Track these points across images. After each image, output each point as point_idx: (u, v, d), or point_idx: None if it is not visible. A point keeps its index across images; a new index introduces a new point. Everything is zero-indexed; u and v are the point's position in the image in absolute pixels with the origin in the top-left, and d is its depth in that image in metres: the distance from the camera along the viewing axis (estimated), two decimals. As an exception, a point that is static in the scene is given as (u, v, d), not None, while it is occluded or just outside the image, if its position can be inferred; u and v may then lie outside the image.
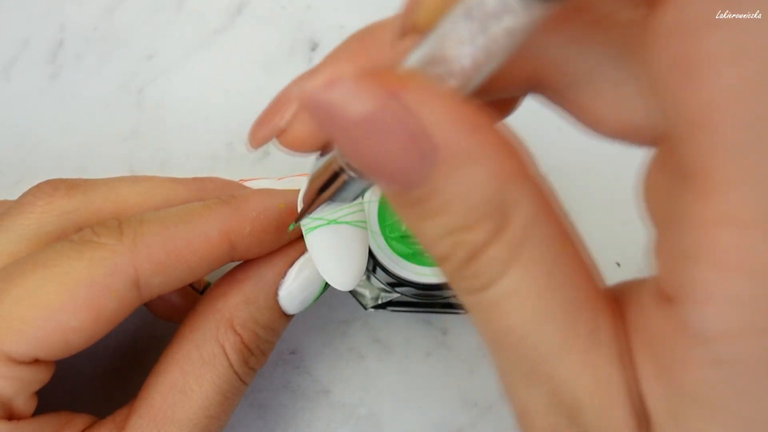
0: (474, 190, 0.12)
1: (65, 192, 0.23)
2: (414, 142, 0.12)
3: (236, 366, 0.22)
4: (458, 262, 0.13)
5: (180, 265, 0.21)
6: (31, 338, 0.19)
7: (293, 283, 0.23)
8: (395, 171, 0.12)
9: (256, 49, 0.32)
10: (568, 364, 0.13)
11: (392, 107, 0.12)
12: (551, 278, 0.13)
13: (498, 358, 0.15)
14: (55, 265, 0.20)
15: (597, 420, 0.14)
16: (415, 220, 0.14)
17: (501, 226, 0.13)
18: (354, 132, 0.12)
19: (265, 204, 0.22)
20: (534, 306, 0.13)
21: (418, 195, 0.13)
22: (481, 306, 0.14)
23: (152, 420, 0.21)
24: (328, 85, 0.12)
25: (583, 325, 0.13)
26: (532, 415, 0.15)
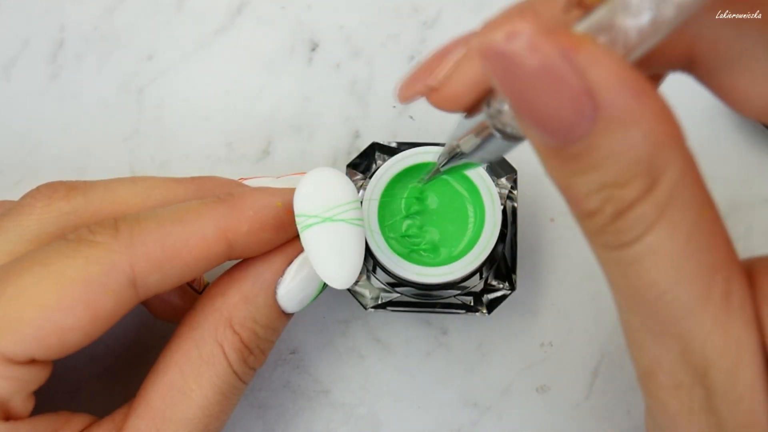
0: (630, 149, 0.13)
1: (64, 194, 0.23)
2: (580, 98, 0.13)
3: (235, 365, 0.22)
4: (606, 217, 0.14)
5: (177, 264, 0.21)
6: (28, 338, 0.19)
7: (292, 281, 0.23)
8: (558, 123, 0.13)
9: (256, 49, 0.32)
10: (701, 323, 0.14)
11: (565, 64, 0.13)
12: (691, 239, 0.14)
13: (630, 314, 0.16)
14: (52, 264, 0.20)
15: (725, 379, 0.14)
16: (568, 175, 0.14)
17: (651, 185, 0.14)
18: (526, 82, 0.13)
19: (262, 202, 0.22)
20: (674, 264, 0.14)
21: (575, 150, 0.14)
22: (622, 262, 0.15)
23: (151, 420, 0.21)
24: (509, 37, 0.13)
25: (717, 287, 0.14)
26: (657, 373, 0.15)
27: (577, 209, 0.15)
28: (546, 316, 0.30)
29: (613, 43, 0.14)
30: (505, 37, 0.13)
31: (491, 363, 0.29)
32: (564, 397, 0.29)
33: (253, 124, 0.32)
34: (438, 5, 0.32)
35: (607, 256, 0.15)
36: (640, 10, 0.13)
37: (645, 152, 0.13)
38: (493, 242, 0.25)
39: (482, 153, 0.18)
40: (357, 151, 0.31)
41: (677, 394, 0.15)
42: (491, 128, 0.17)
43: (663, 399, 0.16)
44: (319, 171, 0.23)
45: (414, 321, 0.30)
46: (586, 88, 0.13)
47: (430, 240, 0.27)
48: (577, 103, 0.13)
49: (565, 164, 0.14)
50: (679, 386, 0.15)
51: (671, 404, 0.16)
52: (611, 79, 0.13)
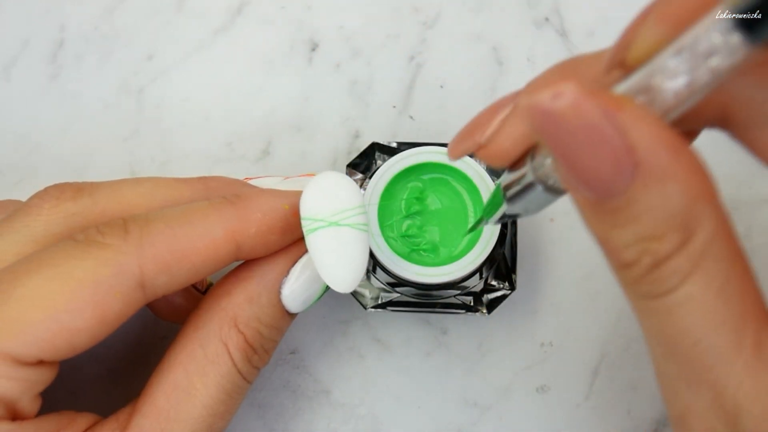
0: (666, 204, 0.14)
1: (72, 195, 0.23)
2: (620, 155, 0.14)
3: (240, 365, 0.22)
4: (643, 268, 0.15)
5: (185, 266, 0.21)
6: (36, 339, 0.19)
7: (296, 281, 0.23)
8: (599, 179, 0.14)
9: (256, 49, 0.32)
10: (733, 371, 0.15)
11: (607, 123, 0.14)
12: (724, 291, 0.15)
13: (665, 361, 0.16)
14: (61, 265, 0.20)
15: (755, 426, 0.15)
16: (607, 228, 0.15)
17: (686, 239, 0.15)
18: (571, 139, 0.14)
19: (270, 204, 0.22)
20: (707, 313, 0.15)
21: (614, 204, 0.15)
22: (658, 311, 0.15)
23: (156, 419, 0.21)
24: (554, 96, 0.14)
25: (749, 337, 0.15)
26: (690, 418, 0.16)
27: (615, 260, 0.16)
28: (546, 316, 0.30)
29: (651, 104, 0.15)
30: (551, 96, 0.14)
31: (491, 363, 0.29)
32: (564, 397, 0.29)
33: (253, 124, 0.32)
34: (438, 5, 0.32)
35: (644, 306, 0.16)
36: (676, 74, 0.14)
37: (680, 207, 0.14)
38: (493, 242, 0.25)
39: (523, 203, 0.19)
40: (357, 151, 0.31)
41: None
42: (534, 180, 0.18)
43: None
44: (326, 175, 0.23)
45: (414, 321, 0.30)
46: (626, 146, 0.14)
47: (430, 240, 0.27)
48: (617, 160, 0.14)
49: (604, 217, 0.15)
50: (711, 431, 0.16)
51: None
52: (649, 138, 0.14)
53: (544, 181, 0.18)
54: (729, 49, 0.14)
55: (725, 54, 0.14)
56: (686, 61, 0.14)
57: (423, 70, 0.32)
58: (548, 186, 0.18)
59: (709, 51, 0.14)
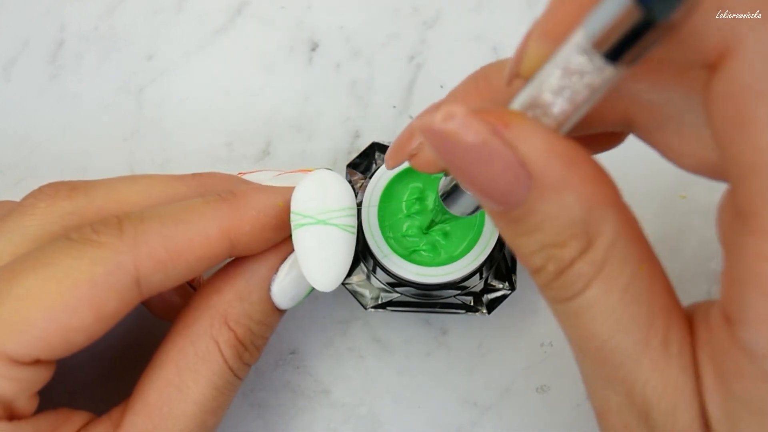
0: (564, 213, 0.15)
1: (67, 194, 0.23)
2: (514, 169, 0.15)
3: (230, 361, 0.22)
4: (549, 274, 0.16)
5: (180, 263, 0.21)
6: (33, 339, 0.19)
7: (285, 278, 0.23)
8: (496, 193, 0.15)
9: (256, 49, 0.32)
10: (641, 369, 0.15)
11: (495, 140, 0.14)
12: (628, 292, 0.15)
13: (581, 361, 0.17)
14: (56, 264, 0.20)
15: (664, 421, 0.16)
16: (513, 236, 0.16)
17: (587, 245, 0.15)
18: (463, 158, 0.15)
19: (264, 202, 0.22)
20: (612, 316, 0.15)
21: (516, 214, 0.15)
22: (568, 314, 0.16)
23: (148, 416, 0.21)
24: (445, 118, 0.14)
25: (655, 336, 0.15)
26: (608, 414, 0.17)
27: (526, 266, 0.16)
28: (546, 316, 0.30)
29: (543, 116, 0.15)
30: (442, 117, 0.14)
31: (491, 363, 0.29)
32: (564, 397, 0.29)
33: (253, 124, 0.32)
34: (438, 5, 0.32)
35: (556, 308, 0.17)
36: (558, 90, 0.15)
37: (579, 215, 0.15)
38: (493, 242, 0.25)
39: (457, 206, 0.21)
40: (357, 151, 0.31)
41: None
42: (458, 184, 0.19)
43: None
44: (321, 173, 0.23)
45: (414, 321, 0.30)
46: (517, 160, 0.14)
47: (430, 240, 0.27)
48: (511, 174, 0.15)
49: (510, 226, 0.16)
50: (627, 426, 0.16)
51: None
52: (540, 151, 0.14)
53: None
54: (596, 68, 0.14)
55: (594, 73, 0.14)
56: (564, 77, 0.15)
57: (423, 70, 0.32)
58: None
59: (580, 69, 0.14)
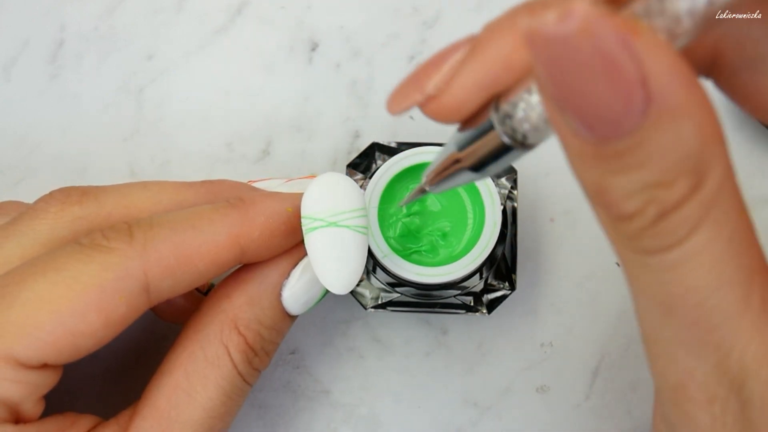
0: (680, 145, 0.12)
1: (77, 198, 0.23)
2: (633, 89, 0.12)
3: (240, 367, 0.22)
4: (647, 220, 0.13)
5: (189, 270, 0.21)
6: (41, 343, 0.19)
7: (297, 284, 0.23)
8: (606, 116, 0.12)
9: (256, 49, 0.32)
10: (740, 331, 0.14)
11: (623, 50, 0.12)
12: (732, 243, 0.13)
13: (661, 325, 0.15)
14: (66, 269, 0.20)
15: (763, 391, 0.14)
16: (605, 176, 0.13)
17: (697, 184, 0.13)
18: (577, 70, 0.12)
19: (273, 208, 0.22)
20: (716, 268, 0.13)
21: (619, 147, 0.13)
22: (660, 267, 0.14)
23: (156, 421, 0.21)
24: (562, 18, 0.11)
25: (756, 294, 0.14)
26: (689, 386, 0.15)
27: (612, 212, 0.14)
28: (546, 316, 0.30)
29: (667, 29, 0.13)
30: (558, 18, 0.11)
31: (491, 363, 0.29)
32: (564, 397, 0.29)
33: (253, 124, 0.32)
34: (438, 5, 0.32)
35: (642, 262, 0.14)
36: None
37: (694, 148, 0.12)
38: (493, 242, 0.25)
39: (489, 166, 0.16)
40: (357, 151, 0.31)
41: (710, 408, 0.15)
42: (501, 135, 0.15)
43: (693, 413, 0.15)
44: (329, 176, 0.23)
45: (414, 321, 0.30)
46: (641, 78, 0.12)
47: (429, 240, 0.27)
48: (629, 94, 0.12)
49: (602, 163, 0.13)
50: (713, 399, 0.14)
51: (702, 419, 0.15)
52: (666, 69, 0.12)
53: (512, 134, 0.15)
54: None
55: None
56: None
57: (423, 70, 0.32)
58: (517, 140, 0.15)
59: None
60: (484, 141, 0.16)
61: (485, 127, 0.16)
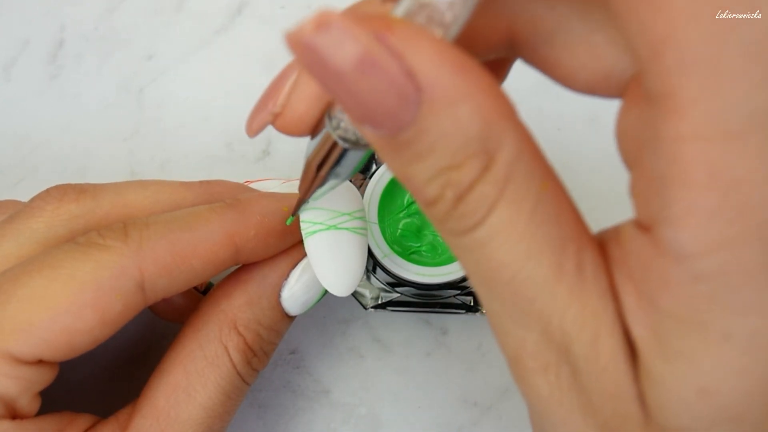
0: (460, 129, 0.13)
1: (74, 197, 0.23)
2: (401, 82, 0.12)
3: (239, 367, 0.22)
4: (447, 203, 0.14)
5: (185, 268, 0.21)
6: (36, 339, 0.19)
7: (296, 284, 0.23)
8: (383, 113, 0.13)
9: (256, 49, 0.32)
10: (557, 299, 0.14)
11: (378, 49, 0.12)
12: (536, 215, 0.13)
13: (490, 300, 0.15)
14: (61, 267, 0.20)
15: (586, 352, 0.14)
16: (405, 165, 0.14)
17: (487, 163, 0.13)
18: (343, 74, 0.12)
19: (269, 208, 0.22)
20: (521, 242, 0.13)
21: (406, 138, 0.13)
22: (472, 247, 0.14)
23: (155, 420, 0.21)
24: (316, 28, 0.12)
25: (569, 261, 0.14)
26: (523, 356, 0.15)
27: (420, 198, 0.14)
28: (546, 316, 0.30)
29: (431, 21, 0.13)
30: (314, 26, 0.12)
31: (491, 363, 0.29)
32: (564, 397, 0.29)
33: (253, 124, 0.32)
34: (438, 5, 0.32)
35: (457, 243, 0.14)
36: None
37: (476, 130, 0.13)
38: (493, 242, 0.25)
39: (338, 169, 0.18)
40: (357, 151, 0.31)
41: (545, 375, 0.15)
42: (337, 140, 0.16)
43: (533, 383, 0.15)
44: None
45: (414, 321, 0.30)
46: (405, 71, 0.12)
47: (429, 240, 0.27)
48: (398, 88, 0.12)
49: (399, 154, 0.14)
50: (546, 367, 0.15)
51: (541, 387, 0.15)
52: (430, 59, 0.12)
53: (345, 137, 0.16)
54: None
55: None
56: None
57: (423, 70, 0.32)
58: (351, 141, 0.16)
59: None
60: (327, 147, 0.17)
61: (324, 134, 0.17)
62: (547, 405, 0.15)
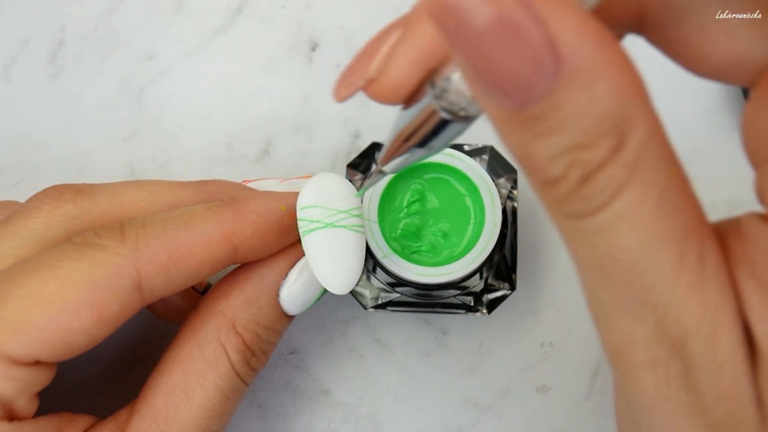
0: (595, 105, 0.12)
1: (71, 197, 0.23)
2: (541, 51, 0.12)
3: (238, 367, 0.22)
4: (572, 183, 0.13)
5: (182, 268, 0.21)
6: (33, 339, 0.19)
7: (294, 284, 0.23)
8: (518, 82, 0.12)
9: (256, 49, 0.32)
10: (676, 290, 0.13)
11: (523, 13, 0.12)
12: (663, 202, 0.13)
13: (600, 288, 0.14)
14: (58, 267, 0.20)
15: (704, 349, 0.13)
16: (528, 141, 0.13)
17: (619, 144, 0.13)
18: (481, 38, 0.12)
19: (266, 206, 0.22)
20: (646, 228, 0.13)
21: (536, 111, 0.12)
22: (590, 231, 0.14)
23: (154, 420, 0.21)
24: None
25: (691, 252, 0.13)
26: (631, 350, 0.14)
27: (539, 177, 0.14)
28: (546, 316, 0.30)
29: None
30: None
31: (491, 363, 0.29)
32: (564, 397, 0.29)
33: (253, 124, 0.32)
34: (438, 5, 0.32)
35: (573, 227, 0.14)
36: None
37: (611, 108, 0.12)
38: (493, 242, 0.25)
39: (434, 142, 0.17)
40: (357, 151, 0.31)
41: (653, 370, 0.14)
42: (439, 111, 0.16)
43: (637, 378, 0.15)
44: (323, 176, 0.23)
45: (414, 321, 0.30)
46: (547, 40, 0.12)
47: (430, 240, 0.27)
48: (537, 57, 0.12)
49: (524, 128, 0.13)
50: (656, 362, 0.14)
51: (647, 383, 0.14)
52: (573, 29, 0.12)
53: (449, 108, 0.15)
54: None
55: None
56: None
57: (423, 70, 0.32)
58: (455, 114, 0.15)
59: None
60: (425, 117, 0.16)
61: (425, 104, 0.16)
62: (652, 401, 0.15)
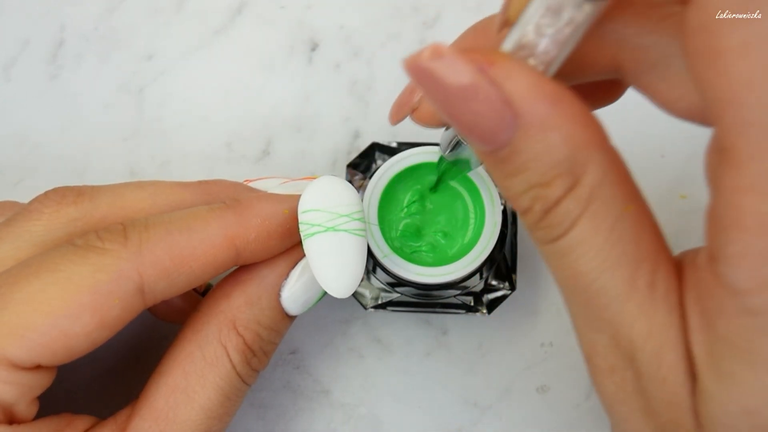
0: (550, 152, 0.15)
1: (73, 199, 0.23)
2: (500, 108, 0.15)
3: (239, 367, 0.22)
4: (537, 214, 0.16)
5: (184, 271, 0.21)
6: (34, 344, 0.19)
7: (296, 284, 0.23)
8: (482, 132, 0.15)
9: (256, 49, 0.32)
10: (627, 310, 0.15)
11: (480, 78, 0.15)
12: (614, 233, 0.15)
13: (570, 303, 0.17)
14: (60, 270, 0.20)
15: (649, 362, 0.16)
16: (503, 177, 0.16)
17: (573, 184, 0.15)
18: (449, 96, 0.15)
19: (269, 210, 0.22)
20: (598, 255, 0.15)
21: (503, 154, 0.15)
22: (555, 254, 0.16)
23: (154, 421, 0.21)
24: (431, 56, 0.14)
25: (642, 278, 0.15)
26: (595, 357, 0.17)
27: (515, 206, 0.17)
28: (546, 316, 0.30)
29: (532, 57, 0.16)
30: (429, 55, 0.14)
31: (491, 363, 0.29)
32: (564, 397, 0.29)
33: (253, 124, 0.32)
34: (438, 5, 0.32)
35: (544, 249, 0.17)
36: (542, 29, 0.15)
37: (565, 154, 0.15)
38: (493, 242, 0.25)
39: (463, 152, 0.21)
40: (357, 151, 0.31)
41: (612, 376, 0.17)
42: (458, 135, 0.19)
43: (601, 382, 0.17)
44: (325, 179, 0.23)
45: (414, 321, 0.30)
46: (503, 99, 0.15)
47: (430, 240, 0.27)
48: (497, 113, 0.15)
49: (498, 167, 0.16)
50: (613, 369, 0.16)
51: (608, 387, 0.17)
52: (525, 89, 0.15)
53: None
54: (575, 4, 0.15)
55: (574, 8, 0.15)
56: (546, 16, 0.15)
57: (423, 70, 0.32)
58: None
59: (559, 6, 0.15)
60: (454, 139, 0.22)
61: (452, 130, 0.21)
62: (613, 402, 0.17)
